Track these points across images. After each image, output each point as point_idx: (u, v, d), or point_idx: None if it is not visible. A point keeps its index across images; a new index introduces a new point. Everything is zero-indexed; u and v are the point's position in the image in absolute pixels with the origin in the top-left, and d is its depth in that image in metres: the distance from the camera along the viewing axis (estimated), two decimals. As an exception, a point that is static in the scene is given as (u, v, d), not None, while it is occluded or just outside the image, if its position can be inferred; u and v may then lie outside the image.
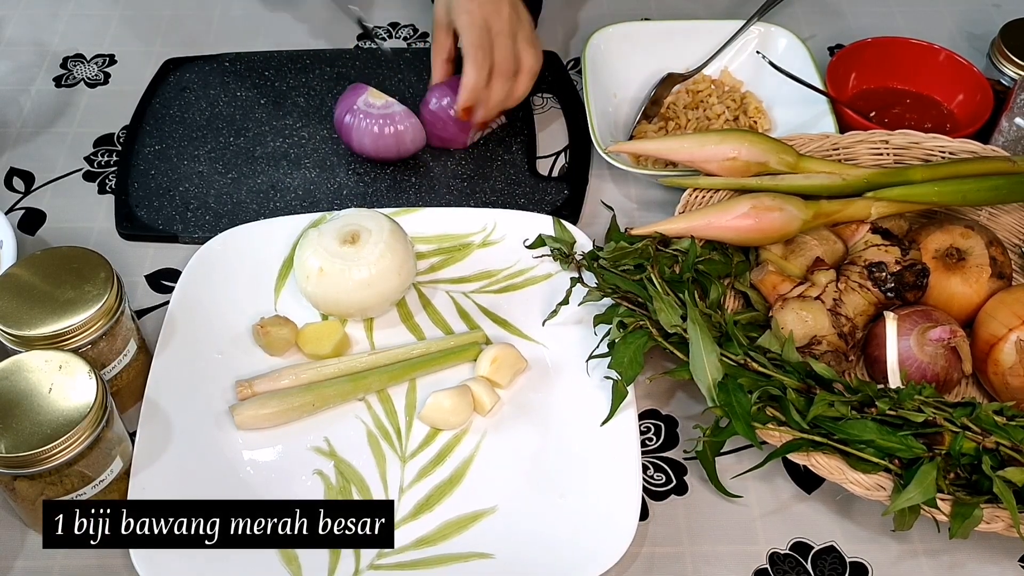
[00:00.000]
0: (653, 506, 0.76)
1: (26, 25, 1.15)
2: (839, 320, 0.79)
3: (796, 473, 0.78)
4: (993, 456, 0.70)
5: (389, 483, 0.76)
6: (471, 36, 0.92)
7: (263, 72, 1.08)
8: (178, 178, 0.97)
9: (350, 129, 0.95)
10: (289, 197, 0.96)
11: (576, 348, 0.81)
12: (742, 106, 1.03)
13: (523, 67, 0.95)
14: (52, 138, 1.03)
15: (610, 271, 0.81)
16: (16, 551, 0.73)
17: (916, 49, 1.04)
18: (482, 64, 0.92)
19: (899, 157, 0.91)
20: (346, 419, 0.79)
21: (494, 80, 0.93)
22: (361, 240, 0.82)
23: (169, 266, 0.92)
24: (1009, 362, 0.78)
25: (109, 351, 0.76)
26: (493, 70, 0.93)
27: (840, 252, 0.85)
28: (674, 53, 1.07)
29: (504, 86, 0.94)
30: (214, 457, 0.76)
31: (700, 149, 0.86)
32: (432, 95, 0.98)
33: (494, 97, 0.94)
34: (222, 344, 0.82)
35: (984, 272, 0.82)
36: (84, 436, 0.67)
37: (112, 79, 1.09)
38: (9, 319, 0.72)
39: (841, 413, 0.72)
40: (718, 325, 0.77)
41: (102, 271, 0.75)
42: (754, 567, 0.73)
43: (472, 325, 0.85)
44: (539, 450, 0.78)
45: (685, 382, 0.79)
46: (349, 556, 0.71)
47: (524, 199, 0.96)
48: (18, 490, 0.68)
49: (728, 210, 0.82)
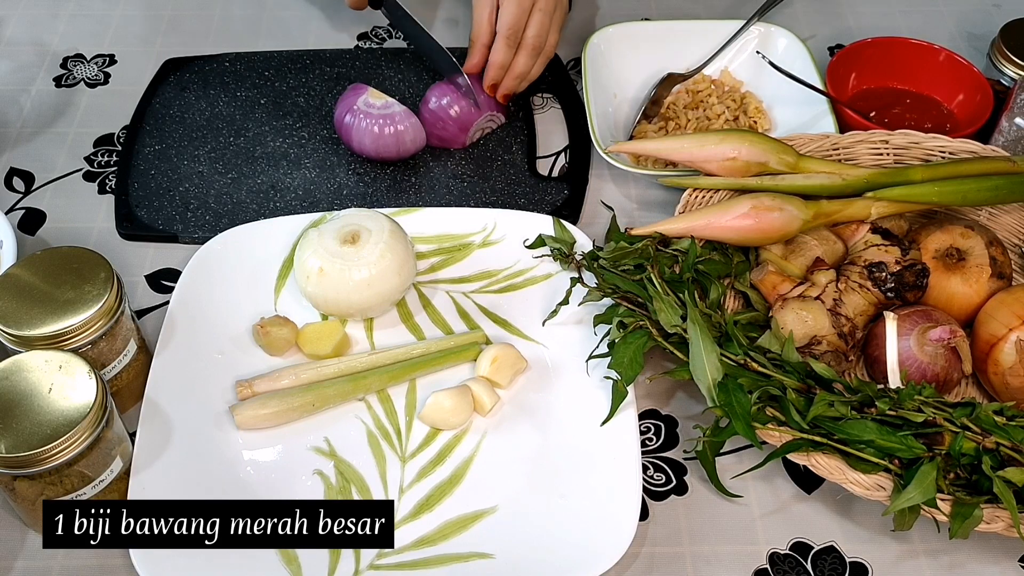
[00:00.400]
0: (653, 506, 0.76)
1: (26, 25, 1.15)
2: (839, 320, 0.79)
3: (796, 473, 0.78)
4: (993, 456, 0.70)
5: (389, 483, 0.76)
6: (512, 10, 0.94)
7: (263, 72, 1.08)
8: (178, 178, 0.97)
9: (350, 129, 0.95)
10: (289, 197, 0.96)
11: (576, 348, 0.81)
12: (742, 106, 1.03)
13: (544, 51, 0.98)
14: (52, 138, 1.03)
15: (610, 271, 0.81)
16: (16, 551, 0.73)
17: (916, 49, 1.04)
18: (511, 44, 0.95)
19: (899, 157, 0.91)
20: (346, 419, 0.79)
21: (520, 53, 0.96)
22: (361, 240, 0.82)
23: (169, 266, 0.92)
24: (1009, 362, 0.78)
25: (109, 351, 0.76)
26: (521, 45, 0.96)
27: (840, 252, 0.85)
28: (674, 53, 1.07)
29: (528, 62, 0.97)
30: (214, 457, 0.76)
31: (700, 149, 0.86)
32: (432, 94, 0.98)
33: (517, 70, 0.97)
34: (222, 344, 0.82)
35: (984, 272, 0.82)
36: (84, 436, 0.67)
37: (112, 79, 1.09)
38: (9, 319, 0.72)
39: (841, 413, 0.72)
40: (718, 325, 0.77)
41: (102, 271, 0.75)
42: (754, 567, 0.73)
43: (472, 325, 0.85)
44: (539, 450, 0.78)
45: (685, 382, 0.79)
46: (349, 556, 0.71)
47: (524, 199, 0.96)
48: (18, 490, 0.68)
49: (728, 210, 0.82)
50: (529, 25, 0.96)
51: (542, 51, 0.98)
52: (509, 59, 0.96)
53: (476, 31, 0.97)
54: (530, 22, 0.96)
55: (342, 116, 0.96)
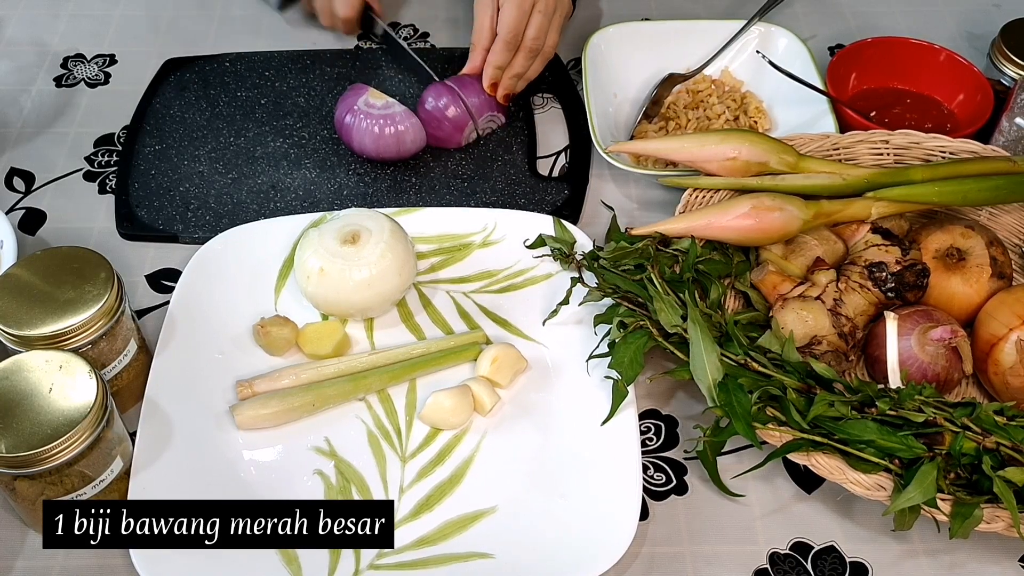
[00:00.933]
0: (653, 506, 0.76)
1: (26, 25, 1.15)
2: (839, 320, 0.79)
3: (796, 473, 0.78)
4: (993, 456, 0.70)
5: (389, 483, 0.76)
6: (512, 12, 0.95)
7: (263, 72, 1.08)
8: (178, 178, 0.97)
9: (350, 129, 0.95)
10: (289, 197, 0.96)
11: (576, 348, 0.81)
12: (742, 106, 1.03)
13: (543, 52, 0.98)
14: (52, 138, 1.03)
15: (610, 271, 0.81)
16: (16, 551, 0.73)
17: (916, 49, 1.04)
18: (511, 47, 0.95)
19: (899, 157, 0.91)
20: (346, 419, 0.79)
21: (519, 54, 0.97)
22: (361, 240, 0.82)
23: (169, 266, 0.92)
24: (1009, 362, 0.78)
25: (109, 351, 0.76)
26: (520, 46, 0.96)
27: (840, 252, 0.84)
28: (674, 53, 1.07)
29: (526, 63, 0.97)
30: (214, 457, 0.76)
31: (700, 149, 0.86)
32: (428, 95, 0.98)
33: (515, 69, 0.97)
34: (222, 344, 0.82)
35: (984, 272, 0.82)
36: (84, 436, 0.67)
37: (112, 79, 1.09)
38: (9, 319, 0.72)
39: (841, 413, 0.72)
40: (718, 325, 0.77)
41: (102, 271, 0.75)
42: (754, 567, 0.73)
43: (472, 325, 0.85)
44: (539, 450, 0.78)
45: (685, 382, 0.79)
46: (349, 556, 0.71)
47: (524, 199, 0.96)
48: (18, 490, 0.68)
49: (728, 210, 0.82)
50: (528, 27, 0.96)
51: (540, 52, 0.99)
52: (508, 61, 0.97)
53: (477, 34, 0.97)
54: (529, 23, 0.96)
55: (342, 116, 0.96)
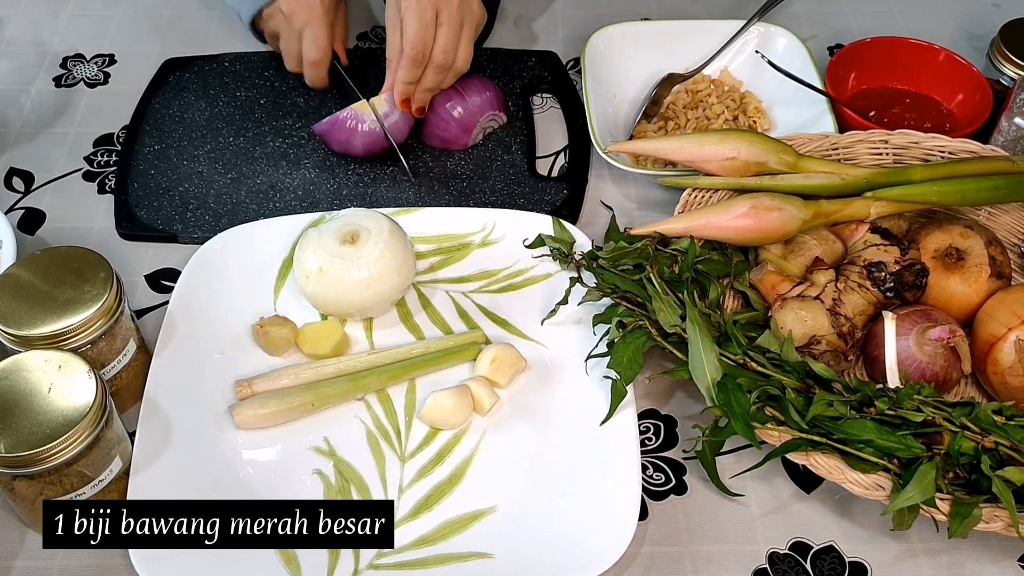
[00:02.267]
0: (652, 506, 0.76)
1: (26, 25, 1.15)
2: (838, 320, 0.79)
3: (795, 473, 0.78)
4: (992, 456, 0.70)
5: (389, 483, 0.76)
6: (413, 27, 0.90)
7: (263, 72, 1.08)
8: (178, 178, 0.97)
9: (332, 143, 0.97)
10: (289, 197, 0.96)
11: (575, 348, 0.81)
12: (742, 106, 1.03)
13: (454, 66, 0.94)
14: (52, 138, 1.03)
15: (609, 271, 0.81)
16: (16, 551, 0.73)
17: (916, 49, 1.04)
18: (417, 62, 0.92)
19: (898, 157, 0.91)
20: (346, 419, 0.79)
21: (428, 70, 0.93)
22: (361, 240, 0.82)
23: (169, 266, 0.92)
24: (1008, 362, 0.78)
25: (109, 351, 0.76)
26: (430, 62, 0.93)
27: (839, 252, 0.85)
28: (674, 53, 1.07)
29: (437, 78, 0.94)
30: (214, 457, 0.76)
31: (700, 149, 0.86)
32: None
33: (426, 84, 0.94)
34: (222, 344, 0.83)
35: (983, 272, 0.82)
36: (84, 436, 0.67)
37: (112, 79, 1.09)
38: (9, 319, 0.72)
39: (840, 413, 0.72)
40: (717, 325, 0.77)
41: (102, 271, 0.75)
42: (753, 567, 0.73)
43: (472, 325, 0.85)
44: (539, 450, 0.78)
45: (684, 382, 0.79)
46: (349, 556, 0.71)
47: (524, 199, 0.96)
48: (18, 490, 0.68)
49: (727, 210, 0.82)
50: (436, 41, 0.92)
51: (451, 68, 0.94)
52: (416, 76, 0.93)
53: (389, 51, 0.94)
54: (436, 39, 0.92)
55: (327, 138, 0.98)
